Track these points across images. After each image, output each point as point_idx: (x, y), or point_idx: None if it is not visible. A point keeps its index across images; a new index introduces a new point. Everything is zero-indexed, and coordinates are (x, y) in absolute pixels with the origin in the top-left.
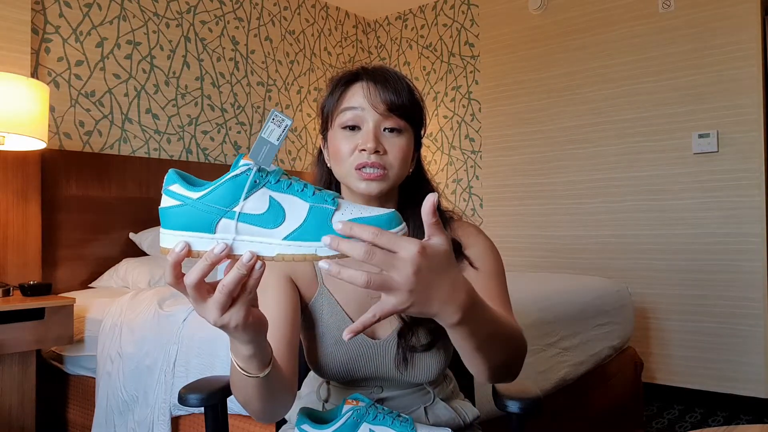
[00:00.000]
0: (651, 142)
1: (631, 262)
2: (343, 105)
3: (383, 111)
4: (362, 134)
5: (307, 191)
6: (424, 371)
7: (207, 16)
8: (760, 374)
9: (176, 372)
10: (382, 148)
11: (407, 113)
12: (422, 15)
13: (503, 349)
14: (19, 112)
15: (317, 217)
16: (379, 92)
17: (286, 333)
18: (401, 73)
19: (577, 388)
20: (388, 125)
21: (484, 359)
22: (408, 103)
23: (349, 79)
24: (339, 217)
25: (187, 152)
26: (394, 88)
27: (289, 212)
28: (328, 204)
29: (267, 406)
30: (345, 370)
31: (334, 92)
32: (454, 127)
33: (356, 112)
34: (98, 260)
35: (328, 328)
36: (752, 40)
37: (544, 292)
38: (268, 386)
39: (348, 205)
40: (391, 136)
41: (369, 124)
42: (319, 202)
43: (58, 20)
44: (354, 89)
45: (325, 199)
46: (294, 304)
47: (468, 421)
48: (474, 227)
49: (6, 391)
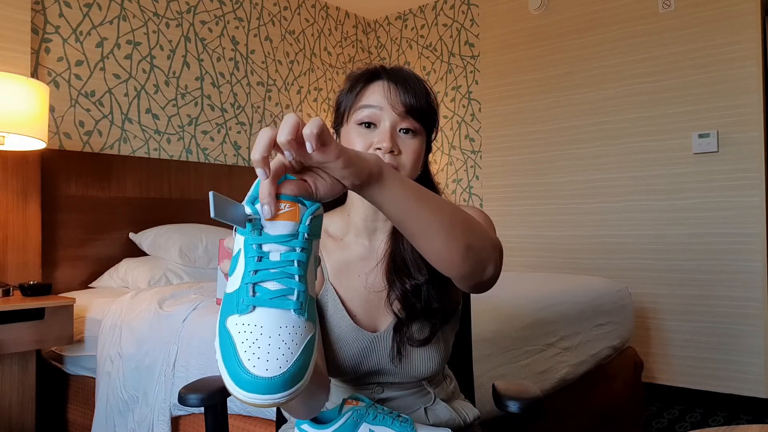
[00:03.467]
0: (651, 142)
1: (631, 262)
2: (362, 102)
3: (401, 112)
4: (378, 133)
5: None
6: (421, 366)
7: (207, 16)
8: (760, 374)
9: (176, 372)
10: (397, 149)
11: (423, 116)
12: (422, 15)
13: (447, 223)
14: (19, 112)
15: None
16: (399, 93)
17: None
18: (419, 75)
19: (577, 388)
20: (404, 126)
21: (426, 232)
22: (425, 106)
23: (369, 77)
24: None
25: (187, 152)
26: (414, 91)
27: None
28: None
29: (310, 404)
30: (346, 366)
31: (353, 88)
32: (454, 127)
33: (374, 111)
34: (98, 260)
35: (330, 325)
36: (752, 40)
37: (544, 292)
38: (310, 387)
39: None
40: (406, 138)
41: (386, 123)
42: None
43: (58, 20)
44: (373, 87)
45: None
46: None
47: (468, 421)
48: (465, 205)
49: (6, 391)
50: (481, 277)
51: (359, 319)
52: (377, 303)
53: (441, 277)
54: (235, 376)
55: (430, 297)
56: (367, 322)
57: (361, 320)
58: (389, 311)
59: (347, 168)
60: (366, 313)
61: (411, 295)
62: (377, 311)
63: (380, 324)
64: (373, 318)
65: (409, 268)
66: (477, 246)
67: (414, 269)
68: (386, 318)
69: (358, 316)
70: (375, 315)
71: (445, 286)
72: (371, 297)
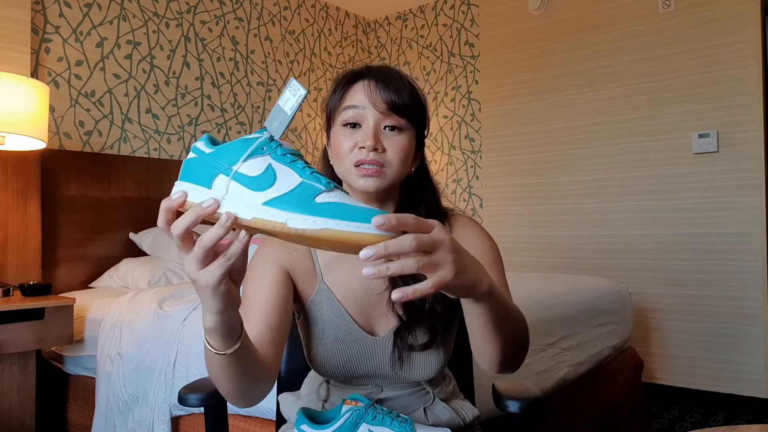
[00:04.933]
0: (651, 142)
1: (631, 262)
2: (345, 103)
3: (383, 109)
4: (362, 132)
5: (307, 170)
6: (421, 370)
7: (207, 16)
8: (760, 374)
9: (176, 372)
10: (381, 146)
11: (408, 112)
12: (422, 15)
13: (515, 330)
14: (19, 112)
15: (303, 191)
16: (380, 91)
17: (270, 319)
18: (405, 73)
19: (577, 388)
20: (389, 123)
21: (499, 340)
22: (409, 102)
23: (351, 78)
24: (324, 197)
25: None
26: (396, 87)
27: (280, 181)
28: (321, 185)
29: (237, 387)
30: (344, 367)
31: (337, 90)
32: (454, 127)
33: (357, 110)
34: (98, 260)
35: (328, 325)
36: (752, 40)
37: (544, 292)
38: (236, 366)
39: (339, 193)
40: (391, 134)
41: (369, 122)
42: (312, 180)
43: (58, 20)
44: (356, 88)
45: (320, 180)
46: (284, 295)
47: (468, 421)
48: (469, 219)
49: (6, 391)
50: (509, 369)
51: (356, 320)
52: (375, 304)
53: None
54: (364, 217)
55: (434, 300)
56: (364, 323)
57: (358, 321)
58: (391, 313)
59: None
60: (363, 313)
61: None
62: (375, 313)
63: (378, 326)
64: (371, 319)
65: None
66: (520, 347)
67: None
68: (386, 321)
69: (354, 316)
70: (373, 316)
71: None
72: (368, 298)
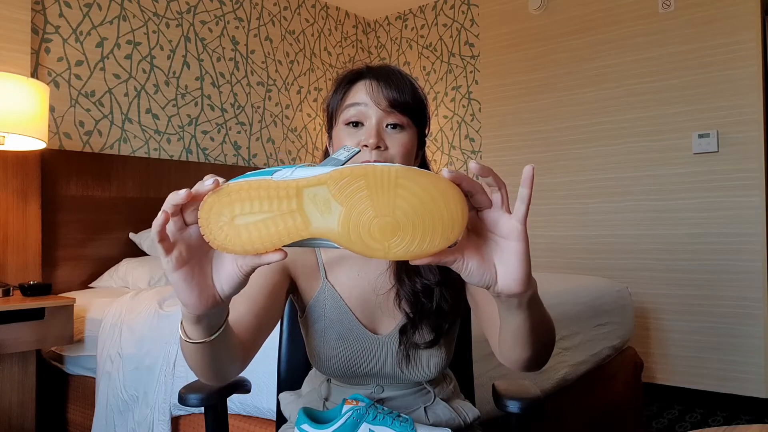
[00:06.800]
0: (651, 142)
1: (631, 262)
2: (347, 102)
3: (385, 107)
4: (365, 130)
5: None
6: (425, 369)
7: (207, 16)
8: (760, 374)
9: (176, 372)
10: (383, 144)
11: (409, 110)
12: (422, 15)
13: (548, 331)
14: (19, 112)
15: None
16: (381, 89)
17: (252, 304)
18: (405, 71)
19: (577, 388)
20: (391, 121)
21: (533, 343)
22: (410, 100)
23: (352, 77)
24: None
25: (187, 152)
26: (397, 85)
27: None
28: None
29: (204, 369)
30: (346, 365)
31: (338, 90)
32: (454, 127)
33: (359, 109)
34: (98, 260)
35: (332, 323)
36: (752, 40)
37: (544, 292)
38: (203, 354)
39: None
40: (393, 132)
41: (372, 120)
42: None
43: (58, 20)
44: (357, 87)
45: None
46: (276, 283)
47: (468, 421)
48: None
49: (6, 391)
50: (535, 368)
51: (359, 318)
52: (379, 303)
53: (452, 279)
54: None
55: (441, 298)
56: (366, 321)
57: (362, 320)
58: (398, 311)
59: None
60: (366, 312)
61: (422, 295)
62: (380, 312)
63: (381, 325)
64: (375, 318)
65: (419, 268)
66: (548, 349)
67: (425, 269)
68: (389, 319)
69: (358, 315)
70: (377, 315)
71: (457, 288)
72: (372, 297)
